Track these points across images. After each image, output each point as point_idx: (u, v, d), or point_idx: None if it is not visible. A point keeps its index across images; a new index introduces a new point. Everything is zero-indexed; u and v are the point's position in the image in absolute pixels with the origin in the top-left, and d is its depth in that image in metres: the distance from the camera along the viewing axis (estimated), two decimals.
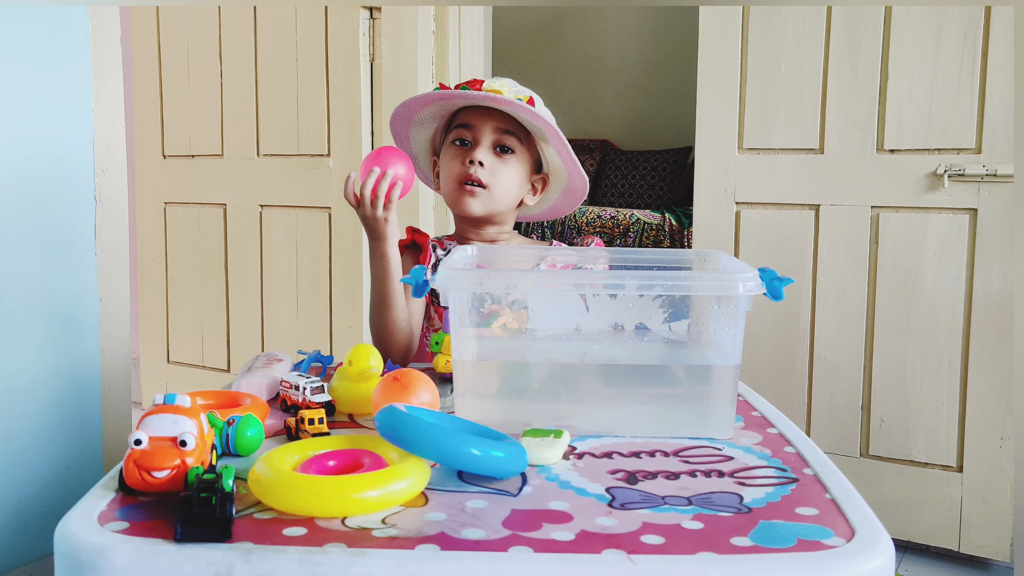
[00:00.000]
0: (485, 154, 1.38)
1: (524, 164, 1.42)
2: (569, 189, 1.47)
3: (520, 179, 1.42)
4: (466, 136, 1.39)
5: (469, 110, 1.40)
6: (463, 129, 1.40)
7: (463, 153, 1.39)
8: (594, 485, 0.80)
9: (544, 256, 1.27)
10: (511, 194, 1.42)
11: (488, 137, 1.38)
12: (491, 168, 1.38)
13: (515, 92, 1.36)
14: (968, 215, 1.94)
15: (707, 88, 2.20)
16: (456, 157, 1.40)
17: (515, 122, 1.39)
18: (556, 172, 1.46)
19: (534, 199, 1.47)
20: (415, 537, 0.68)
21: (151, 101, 2.92)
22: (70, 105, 1.82)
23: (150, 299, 3.04)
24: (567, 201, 1.51)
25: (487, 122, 1.38)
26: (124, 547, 0.66)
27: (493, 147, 1.39)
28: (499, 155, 1.39)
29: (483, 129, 1.38)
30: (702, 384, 0.99)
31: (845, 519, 0.73)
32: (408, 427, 0.77)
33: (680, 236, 3.90)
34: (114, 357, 1.92)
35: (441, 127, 1.47)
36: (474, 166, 1.37)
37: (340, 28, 2.51)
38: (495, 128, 1.39)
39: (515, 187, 1.42)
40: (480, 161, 1.37)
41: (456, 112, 1.43)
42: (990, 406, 1.95)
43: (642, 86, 4.89)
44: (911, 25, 1.97)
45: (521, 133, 1.40)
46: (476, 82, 1.35)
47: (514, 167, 1.40)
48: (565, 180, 1.46)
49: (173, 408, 0.77)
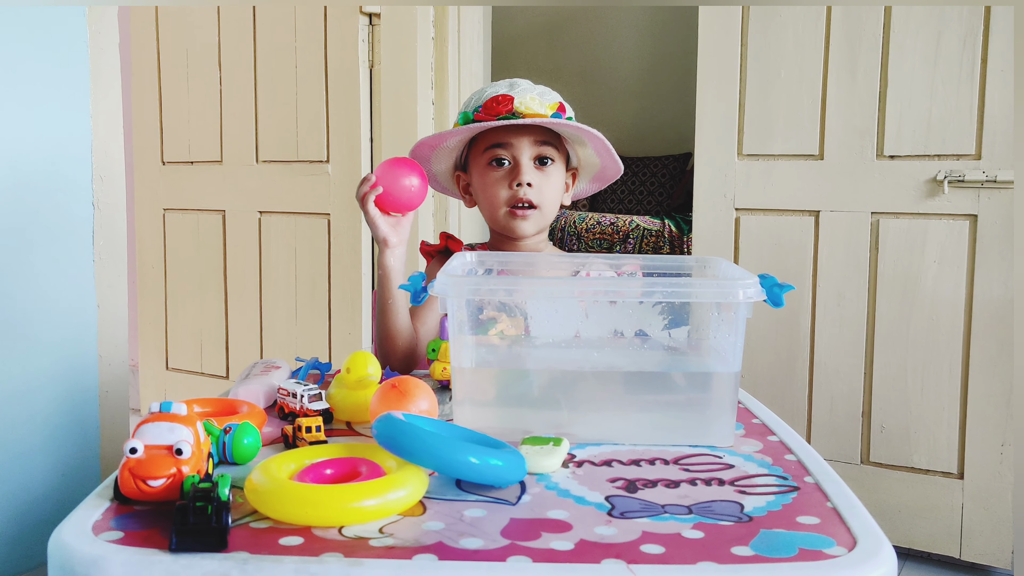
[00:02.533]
0: (532, 174, 1.36)
1: (562, 168, 1.43)
2: (599, 176, 1.48)
3: (562, 185, 1.43)
4: (503, 156, 1.37)
5: (501, 128, 1.36)
6: (499, 149, 1.36)
7: (507, 175, 1.37)
8: (593, 494, 0.80)
9: (583, 263, 1.24)
10: (558, 203, 1.43)
11: (527, 152, 1.36)
12: (539, 187, 1.37)
13: (547, 102, 1.34)
14: (968, 221, 1.94)
15: (707, 94, 2.19)
16: (500, 180, 1.37)
17: (549, 130, 1.38)
18: (587, 164, 1.46)
19: (569, 196, 1.48)
20: (413, 547, 0.67)
21: (150, 107, 2.92)
22: (68, 111, 1.82)
23: (149, 306, 3.03)
24: (592, 187, 1.51)
25: (523, 138, 1.36)
26: (119, 557, 0.65)
27: (534, 162, 1.37)
28: (540, 168, 1.38)
29: (521, 147, 1.36)
30: (702, 391, 0.98)
31: (847, 528, 0.72)
32: (406, 435, 0.76)
33: (680, 242, 3.90)
34: (112, 364, 1.91)
35: (465, 145, 1.44)
36: (523, 188, 1.35)
37: (339, 34, 2.51)
38: (533, 142, 1.37)
39: (559, 195, 1.43)
40: (529, 183, 1.36)
41: (483, 133, 1.39)
42: (991, 412, 1.95)
43: (641, 92, 4.89)
44: (910, 31, 1.96)
45: (555, 139, 1.39)
46: (504, 99, 1.32)
47: (556, 176, 1.40)
48: (596, 169, 1.47)
49: (169, 416, 0.76)
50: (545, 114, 1.32)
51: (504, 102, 1.32)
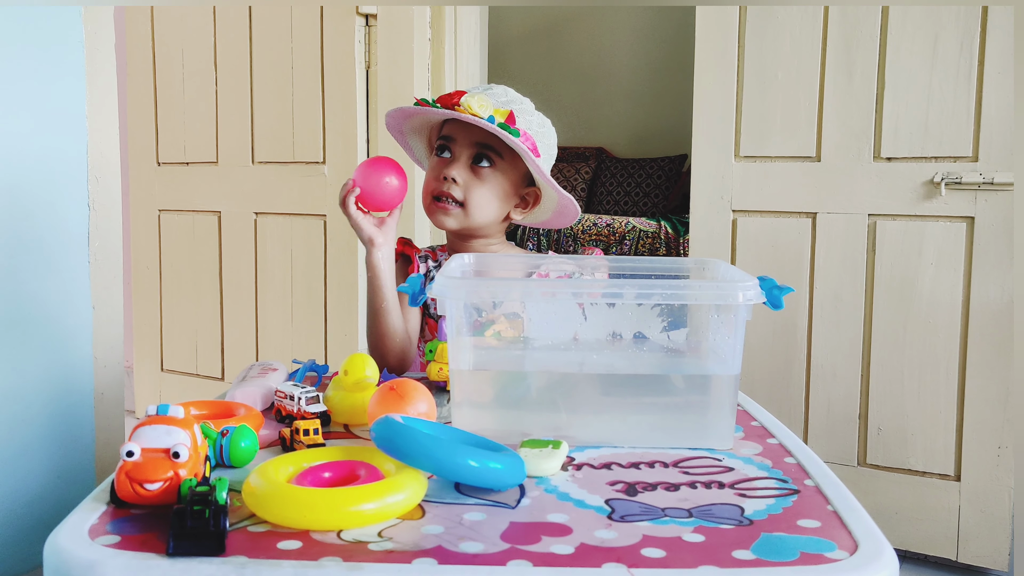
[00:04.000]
0: (460, 170, 1.36)
1: (506, 178, 1.38)
2: (561, 209, 1.42)
3: (501, 194, 1.38)
4: (446, 146, 1.38)
5: (454, 121, 1.38)
6: (445, 141, 1.39)
7: (440, 166, 1.38)
8: (593, 497, 0.79)
9: (538, 265, 1.24)
10: (488, 210, 1.38)
11: (465, 151, 1.37)
12: (465, 184, 1.36)
13: (495, 106, 1.32)
14: (965, 223, 1.94)
15: (703, 95, 2.19)
16: (434, 169, 1.39)
17: (496, 138, 1.36)
18: (550, 194, 1.40)
19: (522, 214, 1.43)
20: (412, 551, 0.67)
21: (146, 108, 2.91)
22: (63, 111, 1.81)
23: (144, 307, 3.02)
24: (558, 219, 1.45)
25: (466, 135, 1.37)
26: (115, 562, 0.65)
27: (470, 160, 1.37)
28: (476, 167, 1.36)
29: (462, 142, 1.37)
30: (701, 394, 0.98)
31: (848, 531, 0.72)
32: (404, 438, 0.76)
33: (676, 244, 3.90)
34: (107, 365, 1.90)
35: (434, 135, 1.45)
36: (447, 182, 1.36)
37: (335, 35, 2.50)
38: (473, 142, 1.36)
39: (494, 203, 1.38)
40: (453, 177, 1.35)
41: (445, 121, 1.41)
42: (988, 415, 1.95)
43: (638, 93, 4.89)
44: (907, 33, 1.97)
45: (504, 148, 1.37)
46: (457, 94, 1.32)
47: (492, 182, 1.37)
48: (556, 199, 1.40)
49: (166, 419, 0.75)
50: (479, 115, 1.30)
51: (456, 96, 1.32)
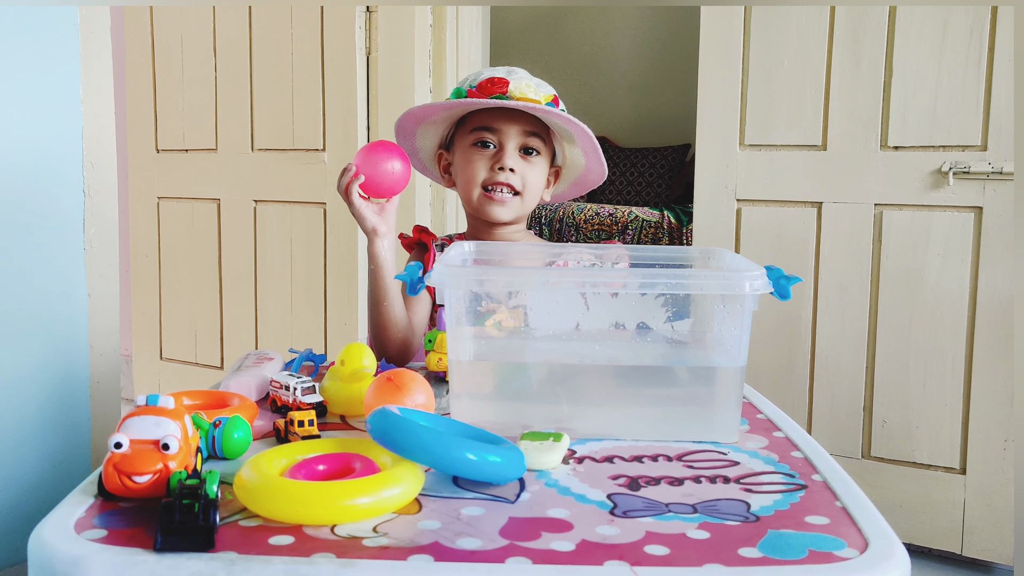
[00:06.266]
0: (515, 160, 1.35)
1: (547, 162, 1.41)
2: (581, 180, 1.46)
3: (544, 178, 1.41)
4: (489, 139, 1.35)
5: (491, 111, 1.35)
6: (486, 132, 1.35)
7: (489, 157, 1.35)
8: (595, 491, 0.77)
9: (559, 254, 1.23)
10: (538, 196, 1.41)
11: (514, 140, 1.35)
12: (521, 174, 1.36)
13: (542, 93, 1.33)
14: (973, 213, 1.92)
15: (708, 83, 2.16)
16: (481, 161, 1.36)
17: (539, 122, 1.36)
18: (572, 165, 1.44)
19: (549, 192, 1.46)
20: (408, 547, 0.65)
21: (144, 95, 2.88)
22: (58, 97, 1.79)
23: (143, 295, 3.00)
24: (574, 190, 1.49)
25: (512, 124, 1.35)
26: (101, 557, 0.63)
27: (519, 150, 1.36)
28: (525, 157, 1.37)
29: (508, 132, 1.35)
30: (706, 386, 0.96)
31: (857, 529, 0.70)
32: (401, 430, 0.74)
33: (679, 234, 3.87)
34: (103, 354, 1.89)
35: (452, 123, 1.42)
36: (505, 172, 1.34)
37: (336, 22, 2.47)
38: (521, 131, 1.35)
39: (541, 188, 1.41)
40: (512, 168, 1.35)
41: (470, 113, 1.38)
42: (994, 408, 1.92)
43: (641, 82, 4.86)
44: (916, 20, 1.94)
45: (544, 132, 1.38)
46: (499, 81, 1.30)
47: (539, 168, 1.39)
48: (579, 171, 1.44)
49: (156, 410, 0.73)
50: (538, 101, 1.30)
51: (499, 84, 1.30)
